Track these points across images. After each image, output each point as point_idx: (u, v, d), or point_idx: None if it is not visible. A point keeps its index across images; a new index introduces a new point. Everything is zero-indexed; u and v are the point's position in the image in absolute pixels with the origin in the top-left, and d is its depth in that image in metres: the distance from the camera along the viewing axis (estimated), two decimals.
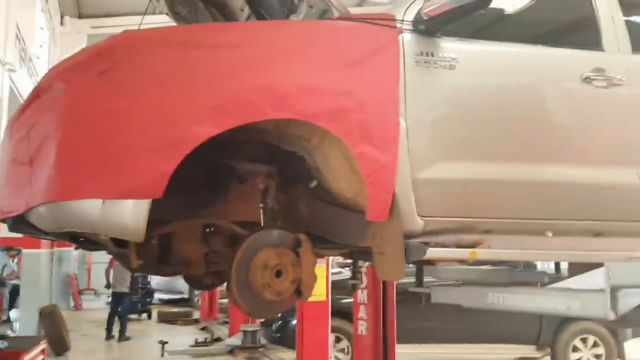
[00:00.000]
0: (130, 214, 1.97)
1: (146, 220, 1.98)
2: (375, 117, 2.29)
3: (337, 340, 7.22)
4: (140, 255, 2.35)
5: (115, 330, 10.91)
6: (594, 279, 2.31)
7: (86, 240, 2.54)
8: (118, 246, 2.32)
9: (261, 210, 2.60)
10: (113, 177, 1.96)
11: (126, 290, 11.11)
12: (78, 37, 12.13)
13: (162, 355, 9.18)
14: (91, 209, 1.99)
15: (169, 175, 1.95)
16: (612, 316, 2.13)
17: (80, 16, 12.50)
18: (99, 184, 1.97)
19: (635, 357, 8.06)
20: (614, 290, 2.13)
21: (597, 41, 2.83)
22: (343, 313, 6.54)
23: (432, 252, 2.44)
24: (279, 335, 7.85)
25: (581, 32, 3.04)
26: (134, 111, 2.00)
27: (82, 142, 2.02)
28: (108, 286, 12.48)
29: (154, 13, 3.66)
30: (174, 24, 3.47)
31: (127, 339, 10.86)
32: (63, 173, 2.01)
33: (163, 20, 3.55)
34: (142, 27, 2.83)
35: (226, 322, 11.38)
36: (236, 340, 9.61)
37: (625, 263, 2.14)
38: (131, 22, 10.70)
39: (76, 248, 2.77)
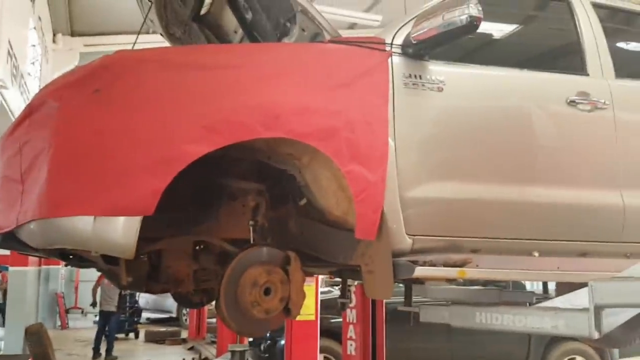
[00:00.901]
0: (122, 231, 1.98)
1: (137, 237, 1.99)
2: (364, 137, 2.34)
3: None
4: (130, 273, 2.36)
5: (103, 350, 10.77)
6: (579, 298, 2.34)
7: (76, 257, 2.54)
8: (108, 263, 2.32)
9: (251, 228, 2.62)
10: (105, 194, 1.98)
11: (113, 309, 11.01)
12: (70, 54, 12.16)
13: None
14: (82, 226, 2.00)
15: (161, 193, 1.97)
16: (596, 335, 2.15)
17: (73, 34, 12.54)
18: (90, 201, 1.98)
19: None
20: (598, 310, 2.16)
21: (582, 66, 2.91)
22: (332, 333, 6.51)
23: (420, 271, 2.46)
24: (267, 355, 7.78)
25: (567, 57, 3.12)
26: (127, 129, 2.03)
27: (75, 159, 2.04)
28: (94, 305, 12.33)
29: (147, 32, 3.70)
30: (167, 44, 3.52)
31: (114, 358, 10.72)
32: (55, 189, 2.02)
33: (157, 39, 3.60)
34: (136, 46, 2.87)
35: (214, 342, 11.25)
36: None
37: (609, 282, 2.18)
38: (124, 41, 10.80)
39: (66, 265, 2.76)
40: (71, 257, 2.59)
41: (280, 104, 2.21)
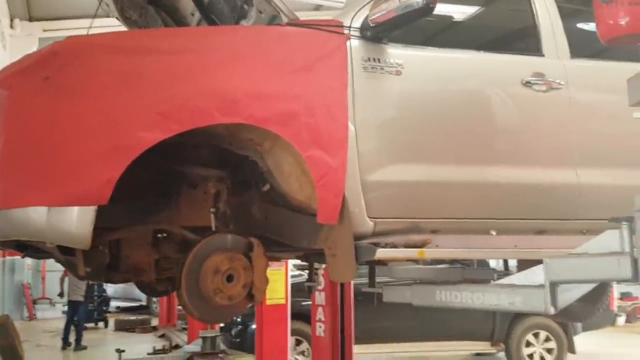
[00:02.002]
0: (76, 222, 1.95)
1: (92, 227, 1.96)
2: (324, 121, 2.33)
3: (298, 343, 7.24)
4: (89, 263, 2.33)
5: (72, 340, 10.63)
6: (535, 275, 2.40)
7: (33, 249, 2.49)
8: (65, 254, 2.29)
9: (212, 215, 2.60)
10: (58, 184, 1.94)
11: (81, 298, 10.86)
12: (29, 40, 11.77)
13: None
14: (36, 217, 1.96)
15: (115, 182, 1.94)
16: (551, 310, 2.21)
17: (31, 19, 12.14)
18: (43, 192, 1.94)
19: (585, 350, 8.36)
20: (553, 286, 2.22)
21: (538, 47, 2.94)
22: (303, 315, 6.56)
23: (382, 253, 2.49)
24: (238, 340, 7.81)
25: (523, 39, 3.15)
26: (79, 117, 1.98)
27: (26, 149, 1.99)
28: (62, 295, 12.15)
29: (107, 16, 3.61)
30: (124, 28, 3.43)
31: (84, 348, 10.60)
32: (6, 180, 1.97)
33: (115, 23, 3.51)
34: (93, 30, 2.80)
35: (185, 329, 11.22)
36: (195, 346, 9.48)
37: (564, 259, 2.24)
38: (83, 25, 10.48)
39: (23, 256, 2.71)
40: (28, 248, 2.53)
41: (238, 88, 2.19)
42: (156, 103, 2.04)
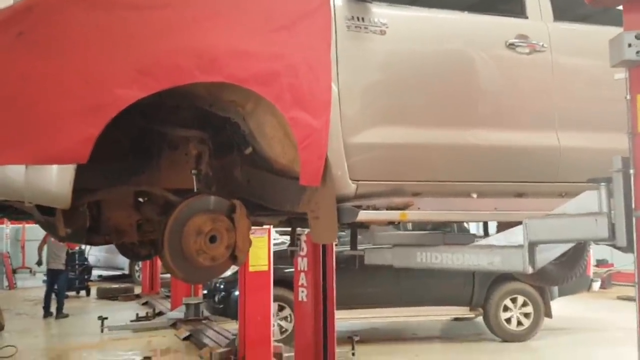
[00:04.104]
0: (55, 180, 1.92)
1: (72, 186, 1.93)
2: (307, 81, 2.30)
3: (280, 308, 7.33)
4: (69, 224, 2.30)
5: (53, 308, 10.63)
6: (514, 235, 2.44)
7: (11, 209, 2.45)
8: (44, 214, 2.26)
9: (194, 177, 2.58)
10: (35, 142, 1.89)
11: (62, 267, 10.82)
12: None
13: (102, 331, 9.04)
14: (13, 175, 1.94)
15: (94, 140, 1.90)
16: (530, 270, 2.25)
17: None
18: (20, 150, 1.89)
19: (561, 314, 8.60)
20: (532, 246, 2.26)
21: (522, 9, 2.93)
22: (286, 282, 6.63)
23: (364, 215, 2.50)
24: (221, 306, 7.87)
25: (507, 0, 3.13)
26: (55, 74, 1.92)
27: (1, 107, 1.93)
28: (40, 263, 12.08)
29: None
30: None
31: (65, 316, 10.61)
32: None
33: None
34: None
35: (168, 297, 11.29)
36: (178, 313, 9.56)
37: (543, 220, 2.27)
38: None
39: (1, 217, 2.67)
40: (7, 208, 2.49)
41: (218, 46, 2.14)
42: (134, 60, 1.99)
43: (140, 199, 2.69)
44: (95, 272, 15.44)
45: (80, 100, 1.90)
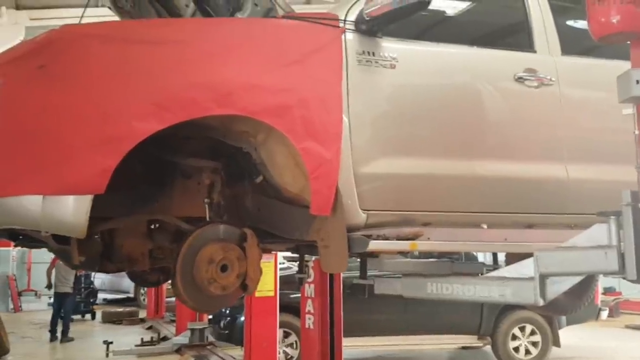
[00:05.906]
0: (72, 210, 1.95)
1: (88, 216, 1.96)
2: (318, 113, 2.35)
3: (286, 335, 7.26)
4: (83, 252, 2.33)
5: (59, 332, 10.58)
6: (525, 267, 2.44)
7: (26, 238, 2.49)
8: (59, 243, 2.28)
9: (206, 206, 2.61)
10: (53, 172, 1.94)
11: (69, 290, 10.80)
12: (16, 29, 11.62)
13: (107, 355, 8.97)
14: (31, 205, 1.96)
15: (111, 172, 1.94)
16: (541, 302, 2.25)
17: (18, 7, 11.97)
18: (38, 180, 1.94)
19: (569, 343, 8.49)
20: (543, 278, 2.26)
21: (530, 43, 2.98)
22: (292, 308, 6.59)
23: (374, 245, 2.52)
24: (227, 332, 7.82)
25: (515, 35, 3.19)
26: (75, 106, 1.98)
27: (21, 137, 1.98)
28: (50, 287, 12.05)
29: (96, 6, 3.59)
30: (117, 18, 3.41)
31: (70, 340, 10.55)
32: (1, 168, 1.96)
33: (105, 13, 3.48)
34: (85, 20, 2.78)
35: (173, 321, 11.20)
36: (183, 338, 9.49)
37: (553, 252, 2.28)
38: (71, 15, 10.38)
39: (15, 245, 2.70)
40: (21, 237, 2.53)
41: (232, 80, 2.19)
42: (152, 94, 2.04)
43: (152, 226, 2.72)
44: (100, 295, 15.39)
45: (99, 132, 1.95)
